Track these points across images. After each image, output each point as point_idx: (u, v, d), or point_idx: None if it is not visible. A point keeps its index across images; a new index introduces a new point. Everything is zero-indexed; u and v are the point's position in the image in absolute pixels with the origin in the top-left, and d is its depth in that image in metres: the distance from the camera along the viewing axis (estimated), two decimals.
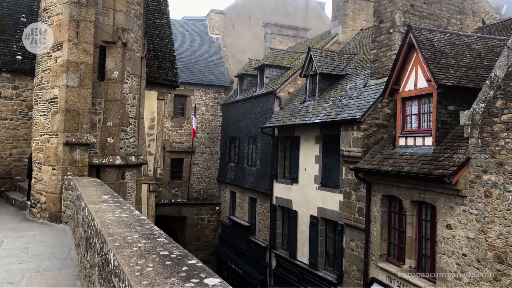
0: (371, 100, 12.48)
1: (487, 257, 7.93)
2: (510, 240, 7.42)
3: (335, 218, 13.74)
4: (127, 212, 3.88)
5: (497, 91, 7.80)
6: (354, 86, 14.34)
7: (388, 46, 12.79)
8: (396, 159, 10.59)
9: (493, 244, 7.79)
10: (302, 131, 15.75)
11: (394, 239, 11.33)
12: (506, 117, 7.60)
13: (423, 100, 10.50)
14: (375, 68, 13.28)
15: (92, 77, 7.97)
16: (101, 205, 4.30)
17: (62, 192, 7.47)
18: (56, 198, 7.59)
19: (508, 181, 7.48)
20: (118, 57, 8.39)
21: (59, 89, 7.72)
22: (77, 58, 7.67)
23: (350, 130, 12.64)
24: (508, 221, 7.48)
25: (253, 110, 20.41)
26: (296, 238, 15.98)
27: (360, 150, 12.22)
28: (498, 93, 7.79)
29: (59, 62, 7.75)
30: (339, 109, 13.55)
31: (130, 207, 4.21)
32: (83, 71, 7.76)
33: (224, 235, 23.35)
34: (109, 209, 3.98)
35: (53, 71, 7.86)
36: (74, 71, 7.68)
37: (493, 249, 7.79)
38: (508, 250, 7.46)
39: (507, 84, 7.60)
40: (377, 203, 11.64)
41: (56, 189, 7.63)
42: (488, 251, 7.90)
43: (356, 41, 19.27)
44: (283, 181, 17.13)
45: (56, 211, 7.54)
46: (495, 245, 7.76)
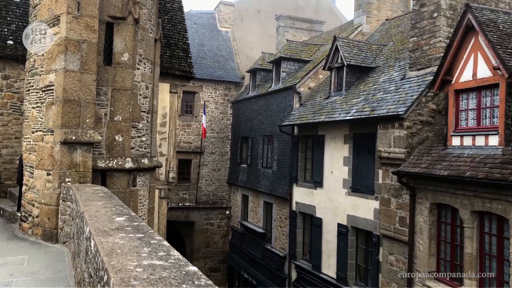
0: (413, 93, 10.93)
1: None
2: None
3: (369, 228, 12.19)
4: (161, 254, 2.36)
5: None
6: (389, 79, 12.79)
7: (431, 32, 11.23)
8: (452, 162, 9.04)
9: None
10: (327, 130, 14.20)
11: (445, 254, 9.77)
12: None
13: (484, 93, 8.95)
14: (416, 58, 11.72)
15: (97, 60, 6.45)
16: (116, 236, 2.80)
17: (59, 204, 5.94)
18: (51, 211, 6.06)
19: None
20: (128, 37, 6.85)
21: (55, 74, 6.19)
22: (78, 36, 6.14)
23: (390, 128, 11.09)
24: None
25: (269, 107, 18.86)
26: (320, 249, 14.43)
27: (403, 151, 10.67)
28: None
29: (55, 40, 6.21)
30: (374, 104, 12.00)
31: (163, 241, 2.67)
32: (85, 52, 6.23)
33: (235, 241, 21.82)
34: (131, 249, 2.47)
35: (48, 52, 6.32)
36: (74, 51, 6.15)
37: None
38: None
39: None
40: (424, 212, 10.09)
41: (51, 200, 6.09)
42: None
43: (382, 31, 17.72)
44: (304, 185, 15.58)
45: (51, 228, 6.01)
46: None
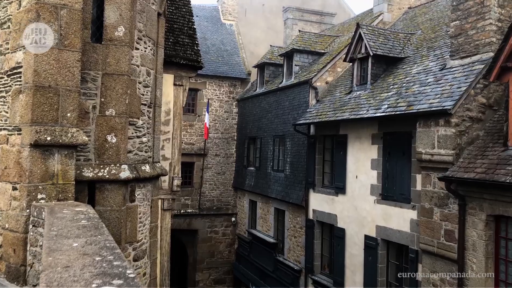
0: (460, 85, 9.32)
1: None
2: None
3: (405, 241, 10.57)
4: None
5: None
6: (424, 70, 11.17)
7: (479, 14, 9.62)
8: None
9: None
10: (351, 129, 12.57)
11: (506, 276, 8.15)
12: None
13: None
14: (459, 45, 10.09)
15: (82, 34, 4.80)
16: None
17: (29, 231, 4.31)
18: (17, 241, 4.40)
19: None
20: (124, 5, 5.21)
21: (24, 53, 4.53)
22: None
23: (434, 126, 9.46)
24: None
25: (280, 104, 17.22)
26: (343, 263, 12.80)
27: (451, 153, 9.04)
28: None
29: (24, 5, 4.55)
30: (411, 98, 10.38)
31: None
32: (65, 22, 4.58)
33: (242, 251, 20.16)
34: None
35: (15, 21, 4.67)
36: (49, 20, 4.50)
37: None
38: None
39: None
40: (477, 225, 8.48)
41: (18, 225, 4.42)
42: None
43: (405, 20, 16.12)
44: (323, 191, 13.95)
45: (18, 263, 4.34)
46: None
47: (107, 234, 2.92)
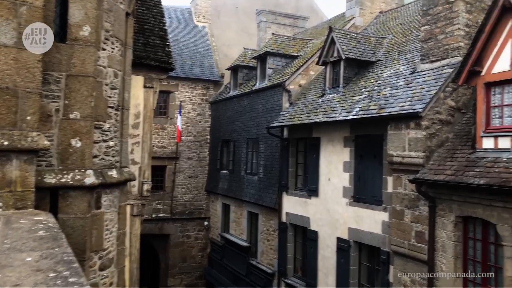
0: (431, 88, 9.48)
1: None
2: None
3: (377, 243, 10.66)
4: None
5: None
6: (395, 73, 11.33)
7: (448, 19, 9.82)
8: (488, 168, 7.58)
9: None
10: (324, 131, 12.62)
11: (475, 275, 8.30)
12: None
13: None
14: (429, 49, 10.29)
15: None
16: None
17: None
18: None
19: None
20: (90, 3, 5.01)
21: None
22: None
23: (404, 129, 9.58)
24: None
25: (253, 107, 17.15)
26: (316, 266, 12.81)
27: (422, 155, 9.17)
28: None
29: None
30: (382, 101, 10.50)
31: None
32: (25, 19, 4.35)
33: (215, 255, 19.95)
34: None
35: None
36: (7, 17, 4.26)
37: None
38: None
39: None
40: (447, 226, 8.62)
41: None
42: None
43: (377, 24, 16.36)
44: (296, 194, 13.94)
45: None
46: None
47: (66, 246, 2.74)
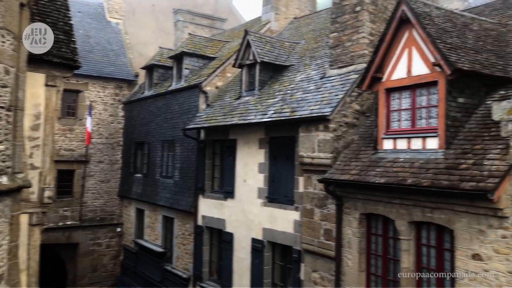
0: (338, 93, 10.10)
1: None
2: None
3: (289, 242, 11.05)
4: None
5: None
6: (307, 78, 11.88)
7: (354, 28, 10.56)
8: (387, 168, 8.26)
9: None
10: (240, 133, 12.83)
11: (376, 269, 8.98)
12: None
13: (419, 91, 8.34)
14: (337, 55, 10.96)
15: None
16: None
17: None
18: None
19: None
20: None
21: None
22: None
23: (314, 131, 10.09)
24: None
25: (169, 108, 16.90)
26: (231, 268, 12.94)
27: (329, 156, 9.72)
28: None
29: None
30: (294, 104, 10.95)
31: None
32: None
33: (128, 262, 19.26)
34: None
35: None
36: None
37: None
38: None
39: None
40: (352, 223, 9.22)
41: None
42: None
43: (291, 30, 17.02)
44: (212, 196, 13.99)
45: None
46: None
47: None
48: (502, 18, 10.10)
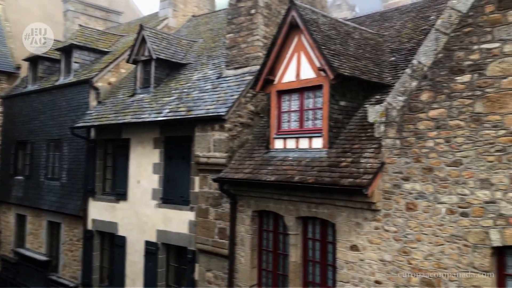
0: (233, 93, 10.42)
1: (411, 283, 6.73)
2: (445, 262, 6.34)
3: (184, 243, 11.11)
4: None
5: (422, 81, 6.72)
6: (204, 77, 12.04)
7: (249, 30, 10.99)
8: (278, 166, 8.75)
9: (420, 268, 6.63)
10: (133, 133, 12.54)
11: (267, 264, 9.45)
12: (435, 113, 6.54)
13: (306, 94, 8.97)
14: (233, 56, 11.30)
15: None
16: None
17: None
18: None
19: (440, 191, 6.41)
20: None
21: None
22: None
23: (210, 131, 10.29)
24: (440, 238, 6.40)
25: (56, 105, 15.87)
26: (124, 272, 12.60)
27: (224, 156, 9.99)
28: (423, 84, 6.71)
29: None
30: (191, 104, 11.04)
31: None
32: None
33: (6, 274, 17.66)
34: None
35: None
36: None
37: (420, 273, 6.62)
38: (442, 274, 6.37)
39: (436, 73, 6.57)
40: (245, 221, 9.60)
41: None
42: (413, 276, 6.70)
43: (189, 27, 17.05)
44: (103, 199, 13.47)
45: None
46: (422, 268, 6.60)
47: None
48: (380, 29, 11.27)
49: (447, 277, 6.29)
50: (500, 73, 5.87)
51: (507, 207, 5.71)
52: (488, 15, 6.02)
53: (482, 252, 5.94)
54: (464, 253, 6.13)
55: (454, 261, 6.23)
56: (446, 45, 6.48)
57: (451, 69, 6.39)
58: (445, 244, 6.34)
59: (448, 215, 6.31)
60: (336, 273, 7.78)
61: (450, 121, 6.35)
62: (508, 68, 5.80)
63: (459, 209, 6.19)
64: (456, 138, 6.26)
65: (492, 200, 5.85)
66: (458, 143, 6.23)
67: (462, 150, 6.19)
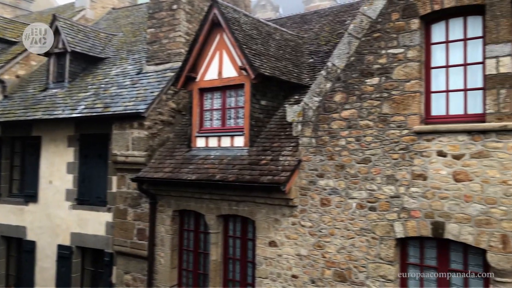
0: (154, 90, 10.32)
1: (324, 276, 7.16)
2: (355, 254, 6.83)
3: (100, 245, 10.80)
4: None
5: (336, 83, 7.18)
6: (123, 72, 11.78)
7: (171, 25, 10.96)
8: (199, 165, 8.84)
9: (333, 261, 7.08)
10: (45, 130, 11.93)
11: (188, 264, 9.51)
12: (347, 113, 7.02)
13: (228, 93, 9.16)
14: (154, 52, 11.19)
15: None
16: None
17: None
18: None
19: (351, 187, 6.89)
20: None
21: None
22: None
23: (129, 128, 10.10)
24: (351, 232, 6.88)
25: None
26: (33, 280, 11.96)
27: (144, 154, 9.87)
28: (337, 85, 7.16)
29: None
30: (108, 100, 10.75)
31: None
32: None
33: None
34: None
35: None
36: None
37: (333, 266, 7.07)
38: (352, 265, 6.86)
39: (348, 76, 7.05)
40: (166, 221, 9.57)
41: None
42: (327, 269, 7.14)
43: (109, 20, 16.52)
44: (10, 201, 12.65)
45: None
46: (335, 261, 7.06)
47: None
48: (300, 31, 11.78)
49: (357, 268, 6.79)
50: (404, 77, 6.46)
51: (409, 201, 6.30)
52: (394, 22, 6.59)
53: (388, 243, 6.49)
54: (372, 245, 6.65)
55: (363, 253, 6.74)
56: (357, 49, 6.98)
57: (362, 72, 6.90)
58: (356, 237, 6.83)
59: (358, 210, 6.80)
60: (256, 270, 8.04)
61: (361, 121, 6.85)
62: (411, 72, 6.40)
63: (368, 204, 6.70)
64: (365, 137, 6.78)
65: (396, 194, 6.42)
66: (367, 142, 6.75)
67: (370, 148, 6.71)
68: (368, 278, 6.67)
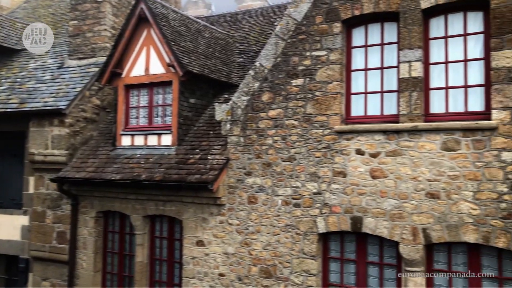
0: (76, 86, 10.04)
1: (251, 273, 7.41)
2: (280, 250, 7.14)
3: (15, 251, 10.31)
4: None
5: (264, 83, 7.45)
6: (42, 66, 11.31)
7: (96, 18, 10.71)
8: (124, 164, 8.76)
9: (259, 257, 7.35)
10: None
11: (112, 267, 9.37)
12: (274, 113, 7.32)
13: (156, 90, 9.15)
14: (77, 45, 10.87)
15: None
16: None
17: None
18: None
19: (277, 184, 7.20)
20: None
21: None
22: None
23: (48, 126, 9.74)
24: (277, 229, 7.19)
25: None
26: None
27: (65, 153, 9.57)
28: (264, 85, 7.44)
29: None
30: (25, 95, 10.29)
31: None
32: None
33: None
34: None
35: None
36: None
37: (259, 262, 7.34)
38: (277, 261, 7.17)
39: (275, 76, 7.35)
40: (89, 223, 9.36)
41: None
42: (253, 266, 7.40)
43: (27, 10, 15.72)
44: None
45: None
46: (261, 258, 7.33)
47: None
48: (230, 30, 12.01)
49: (282, 264, 7.10)
50: (327, 79, 6.87)
51: (331, 197, 6.71)
52: (318, 25, 6.98)
53: (311, 239, 6.86)
54: (296, 241, 7.00)
55: (288, 249, 7.06)
56: (284, 50, 7.30)
57: (287, 73, 7.22)
58: (281, 233, 7.14)
59: (283, 206, 7.12)
60: (182, 270, 8.11)
61: (286, 121, 7.17)
62: (332, 74, 6.82)
63: (292, 201, 7.04)
64: (291, 136, 7.11)
65: (319, 191, 6.81)
66: (292, 141, 7.08)
67: (295, 147, 7.05)
68: (292, 273, 7.00)
